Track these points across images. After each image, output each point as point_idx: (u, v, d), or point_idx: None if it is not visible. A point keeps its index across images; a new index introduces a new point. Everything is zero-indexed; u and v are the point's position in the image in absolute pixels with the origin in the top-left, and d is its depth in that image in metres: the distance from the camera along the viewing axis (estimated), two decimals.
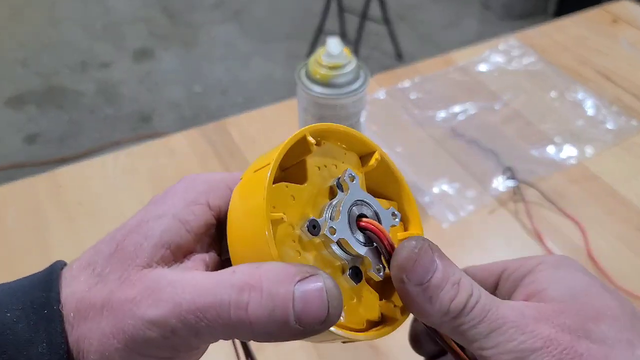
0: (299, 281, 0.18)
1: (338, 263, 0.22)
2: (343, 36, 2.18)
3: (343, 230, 0.21)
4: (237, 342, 0.30)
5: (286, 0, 2.48)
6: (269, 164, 0.21)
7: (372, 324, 0.23)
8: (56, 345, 0.19)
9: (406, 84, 0.77)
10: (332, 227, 0.21)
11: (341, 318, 0.21)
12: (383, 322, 0.23)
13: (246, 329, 0.18)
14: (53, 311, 0.19)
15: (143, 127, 1.85)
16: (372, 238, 0.22)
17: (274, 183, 0.21)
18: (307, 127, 0.23)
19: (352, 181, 0.23)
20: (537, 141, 0.69)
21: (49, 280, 0.20)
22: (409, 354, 0.48)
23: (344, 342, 0.22)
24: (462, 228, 0.59)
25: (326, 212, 0.22)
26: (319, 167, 0.23)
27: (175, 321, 0.18)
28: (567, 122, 0.72)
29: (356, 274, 0.22)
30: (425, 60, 0.82)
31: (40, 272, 0.22)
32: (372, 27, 2.13)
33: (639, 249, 0.56)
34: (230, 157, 0.65)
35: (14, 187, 0.63)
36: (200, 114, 1.88)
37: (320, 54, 0.51)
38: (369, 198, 0.23)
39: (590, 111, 0.73)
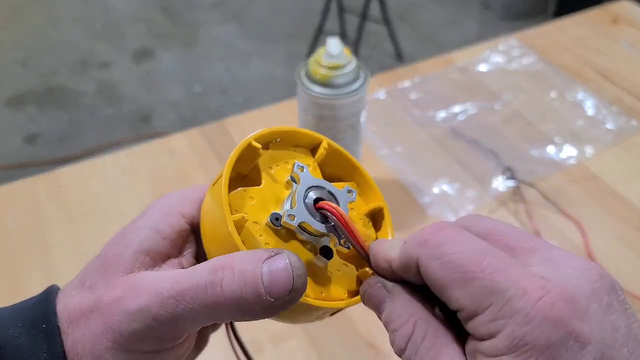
0: (265, 260, 0.21)
1: (308, 246, 0.24)
2: (343, 36, 2.18)
3: (302, 215, 0.23)
4: (236, 344, 0.30)
5: (286, 0, 2.48)
6: (222, 176, 0.24)
7: (354, 294, 0.25)
8: (56, 355, 0.20)
9: (406, 84, 0.77)
10: (290, 214, 0.23)
11: (322, 294, 0.24)
12: None
13: (222, 307, 0.20)
14: (51, 325, 0.21)
15: (143, 127, 1.85)
16: (327, 216, 0.24)
17: (233, 190, 0.24)
18: (251, 135, 0.25)
19: (302, 171, 0.25)
20: (537, 141, 0.69)
21: (45, 299, 0.22)
22: None
23: (331, 315, 0.25)
24: None
25: (285, 204, 0.25)
26: (271, 167, 0.26)
27: (156, 308, 0.20)
28: (567, 122, 0.72)
29: (327, 252, 0.24)
30: (425, 60, 0.82)
31: (37, 295, 0.24)
32: (372, 27, 2.13)
33: (639, 249, 0.56)
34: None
35: (14, 187, 0.63)
36: (200, 114, 1.88)
37: (320, 54, 0.51)
38: (322, 182, 0.25)
39: (590, 111, 0.73)
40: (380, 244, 0.22)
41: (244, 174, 0.26)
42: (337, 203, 0.24)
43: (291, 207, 0.24)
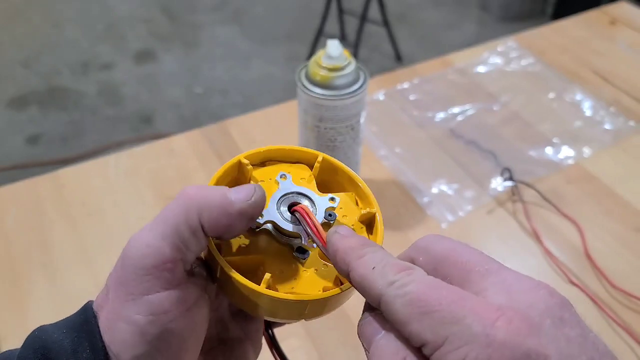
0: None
1: (286, 248, 0.26)
2: (343, 38, 2.19)
3: (271, 214, 0.25)
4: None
5: (286, 2, 2.49)
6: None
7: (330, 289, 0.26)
8: (98, 349, 0.22)
9: (405, 85, 0.78)
10: (261, 214, 0.25)
11: (292, 288, 0.25)
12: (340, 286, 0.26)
13: (195, 203, 0.23)
14: (91, 325, 0.22)
15: (144, 128, 1.85)
16: (297, 216, 0.25)
17: None
18: (242, 153, 0.28)
19: (285, 180, 0.27)
20: (536, 142, 0.69)
21: (84, 308, 0.24)
22: None
23: (310, 316, 0.26)
24: (461, 228, 0.59)
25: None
26: (263, 180, 0.28)
27: (152, 239, 0.22)
28: (565, 123, 0.72)
29: (302, 251, 0.26)
30: (424, 62, 0.83)
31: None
32: (372, 29, 2.14)
33: (637, 249, 0.57)
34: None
35: (16, 187, 0.63)
36: (200, 115, 1.88)
37: (320, 56, 0.52)
38: (303, 189, 0.27)
39: (588, 112, 0.74)
40: (340, 239, 0.22)
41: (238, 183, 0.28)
42: (315, 208, 0.26)
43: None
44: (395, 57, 2.13)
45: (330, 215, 0.26)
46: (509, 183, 0.63)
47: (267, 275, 0.24)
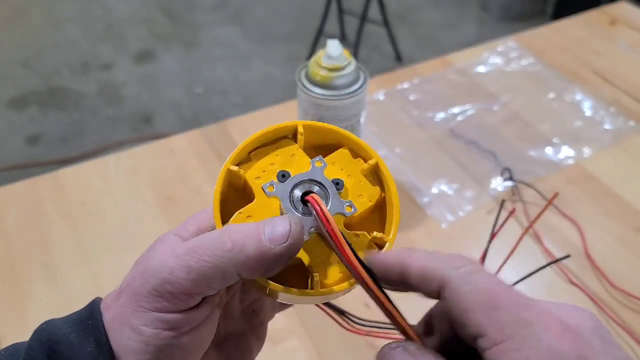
0: (267, 221, 0.23)
1: (315, 234, 0.25)
2: (343, 38, 2.19)
3: (282, 195, 0.25)
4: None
5: (286, 2, 2.49)
6: (214, 207, 0.25)
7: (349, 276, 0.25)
8: (102, 344, 0.22)
9: (405, 85, 0.78)
10: (271, 185, 0.25)
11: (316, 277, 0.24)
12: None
13: (229, 257, 0.22)
14: (96, 320, 0.23)
15: (144, 128, 1.85)
16: (310, 209, 0.24)
17: (231, 214, 0.25)
18: (227, 160, 0.26)
19: (284, 180, 0.26)
20: (536, 142, 0.69)
21: (90, 304, 0.24)
22: None
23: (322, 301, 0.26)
24: (461, 228, 0.59)
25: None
26: (259, 177, 0.26)
27: (172, 263, 0.22)
28: (565, 123, 0.72)
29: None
30: (424, 62, 0.83)
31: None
32: (372, 29, 2.14)
33: (637, 249, 0.57)
34: None
35: (16, 187, 0.63)
36: (201, 115, 1.88)
37: (320, 56, 0.52)
38: (306, 175, 0.26)
39: (588, 112, 0.74)
40: (383, 254, 0.23)
41: (239, 187, 0.27)
42: (326, 192, 0.25)
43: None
44: (395, 57, 2.13)
45: (337, 184, 0.26)
46: (509, 183, 0.63)
47: (317, 277, 0.24)
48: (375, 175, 0.27)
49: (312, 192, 0.25)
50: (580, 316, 0.20)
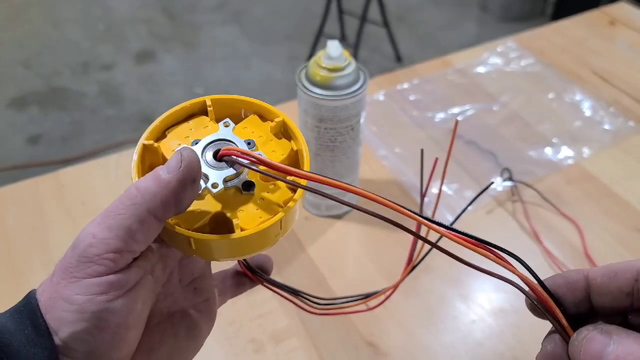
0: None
1: (232, 190, 0.26)
2: (343, 38, 2.19)
3: (205, 171, 0.26)
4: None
5: (286, 2, 2.49)
6: (133, 181, 0.26)
7: (289, 201, 0.26)
8: (39, 326, 0.22)
9: (405, 85, 0.78)
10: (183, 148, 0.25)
11: (260, 218, 0.26)
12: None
13: (140, 202, 0.23)
14: (31, 305, 0.23)
15: (144, 128, 1.84)
16: (227, 159, 0.26)
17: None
18: (142, 137, 0.28)
19: (195, 139, 0.27)
20: (535, 142, 0.69)
21: (27, 295, 0.24)
22: (409, 354, 0.49)
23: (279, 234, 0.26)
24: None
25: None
26: (174, 149, 0.27)
27: (97, 229, 0.23)
28: (564, 123, 0.72)
29: (249, 185, 0.26)
30: (424, 62, 0.83)
31: None
32: (372, 30, 2.14)
33: (636, 249, 0.57)
34: None
35: (16, 187, 0.63)
36: None
37: (320, 56, 0.52)
38: (215, 136, 0.27)
39: (587, 112, 0.74)
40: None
41: (159, 162, 0.28)
42: (235, 144, 0.27)
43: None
44: (395, 57, 2.13)
45: (249, 143, 0.27)
46: (509, 183, 0.63)
47: (236, 222, 0.25)
48: (285, 133, 0.29)
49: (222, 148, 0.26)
50: None
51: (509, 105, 0.75)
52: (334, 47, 0.51)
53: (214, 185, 0.25)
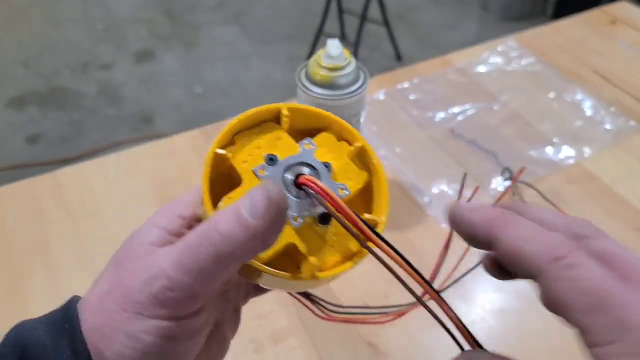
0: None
1: (308, 219, 0.24)
2: (343, 38, 2.19)
3: (275, 178, 0.24)
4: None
5: (286, 2, 2.49)
6: (204, 192, 0.24)
7: (350, 257, 0.25)
8: (78, 350, 0.21)
9: (405, 85, 0.78)
10: (262, 168, 0.24)
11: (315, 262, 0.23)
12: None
13: (223, 248, 0.20)
14: (72, 322, 0.22)
15: (144, 128, 1.85)
16: (307, 192, 0.23)
17: (218, 200, 0.24)
18: (213, 143, 0.25)
19: (272, 163, 0.24)
20: (536, 142, 0.69)
21: (67, 305, 0.23)
22: (408, 353, 0.48)
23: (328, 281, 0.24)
24: None
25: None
26: (246, 161, 0.25)
27: (170, 269, 0.21)
28: (565, 122, 0.72)
29: (324, 218, 0.24)
30: (424, 61, 0.83)
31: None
32: (372, 29, 2.13)
33: (637, 249, 0.56)
34: None
35: (15, 187, 0.63)
36: (201, 115, 1.88)
37: (320, 56, 0.52)
38: (297, 157, 0.25)
39: (588, 112, 0.74)
40: (471, 211, 0.22)
41: (225, 172, 0.26)
42: (318, 175, 0.24)
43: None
44: (395, 56, 2.13)
45: (326, 167, 0.25)
46: (509, 183, 0.63)
47: (313, 260, 0.23)
48: (360, 159, 0.27)
49: (304, 174, 0.24)
50: None
51: (510, 104, 0.75)
52: (334, 46, 0.51)
53: (295, 219, 0.23)
